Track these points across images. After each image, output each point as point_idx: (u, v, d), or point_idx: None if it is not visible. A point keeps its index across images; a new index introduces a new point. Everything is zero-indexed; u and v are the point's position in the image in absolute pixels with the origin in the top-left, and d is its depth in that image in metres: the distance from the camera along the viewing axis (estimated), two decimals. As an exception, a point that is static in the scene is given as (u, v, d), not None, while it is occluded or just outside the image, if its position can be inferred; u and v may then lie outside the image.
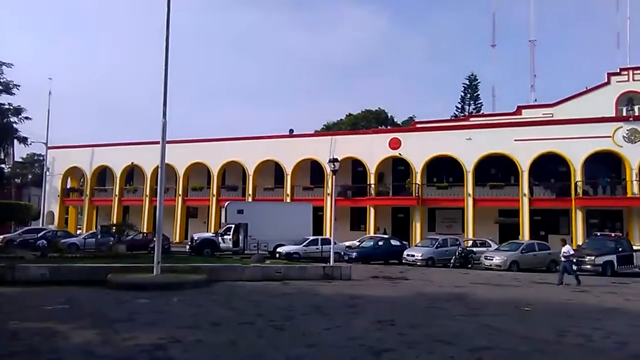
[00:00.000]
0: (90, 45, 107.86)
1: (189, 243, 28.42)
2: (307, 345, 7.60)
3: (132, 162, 41.99)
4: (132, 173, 44.50)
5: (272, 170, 38.88)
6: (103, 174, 45.75)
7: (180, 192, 40.69)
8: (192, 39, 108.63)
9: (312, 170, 37.85)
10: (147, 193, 41.55)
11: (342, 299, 12.77)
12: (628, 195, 29.50)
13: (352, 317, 10.34)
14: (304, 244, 26.25)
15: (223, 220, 28.83)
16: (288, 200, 36.41)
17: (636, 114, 30.59)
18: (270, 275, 16.58)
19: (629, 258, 22.68)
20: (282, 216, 27.75)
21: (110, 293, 12.62)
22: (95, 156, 44.27)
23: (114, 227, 27.02)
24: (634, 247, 23.94)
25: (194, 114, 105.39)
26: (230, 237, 26.79)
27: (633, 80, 32.27)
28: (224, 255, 26.16)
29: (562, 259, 18.09)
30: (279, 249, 26.13)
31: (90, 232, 33.79)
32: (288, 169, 37.39)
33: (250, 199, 37.36)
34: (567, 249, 18.03)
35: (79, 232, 42.41)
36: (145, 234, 31.39)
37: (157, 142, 15.30)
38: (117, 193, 43.20)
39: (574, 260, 18.30)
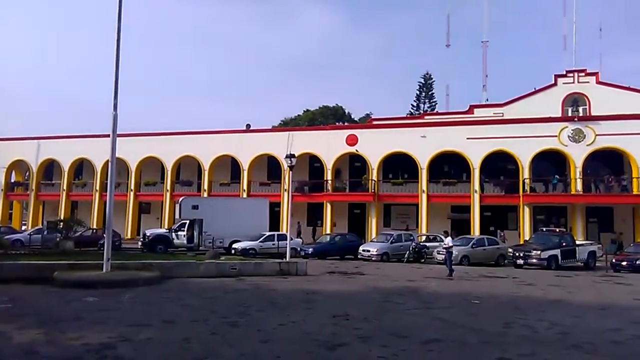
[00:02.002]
0: (39, 35, 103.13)
1: (141, 239, 27.72)
2: (261, 341, 7.57)
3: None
4: (82, 167, 42.94)
5: (229, 166, 38.42)
6: (50, 168, 43.89)
7: (133, 187, 39.58)
8: (146, 31, 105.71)
9: (269, 166, 37.66)
10: (97, 188, 40.18)
11: (298, 294, 12.80)
12: (572, 193, 30.90)
13: (308, 312, 10.38)
14: (260, 239, 26.11)
15: (177, 216, 28.26)
16: (244, 195, 36.08)
17: (581, 114, 32.03)
18: (225, 271, 16.40)
19: (572, 252, 23.78)
20: (238, 212, 27.48)
21: (57, 291, 12.15)
22: (41, 149, 42.40)
23: (61, 223, 25.93)
24: (577, 242, 25.11)
25: (148, 108, 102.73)
26: (185, 233, 26.32)
27: (578, 82, 33.76)
28: (178, 251, 25.71)
29: (443, 250, 18.98)
30: (234, 245, 25.87)
31: (36, 228, 32.40)
32: (245, 164, 37.04)
33: (205, 195, 36.79)
34: (448, 240, 19.09)
35: (23, 228, 40.65)
36: (94, 230, 30.38)
37: (108, 135, 14.82)
38: (65, 187, 41.55)
39: (452, 252, 19.39)
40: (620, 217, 31.67)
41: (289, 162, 21.89)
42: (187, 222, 26.57)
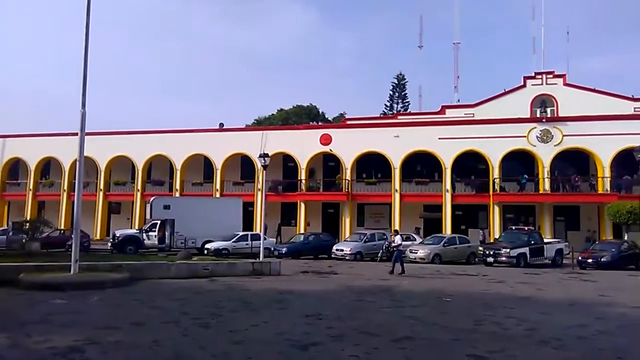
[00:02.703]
0: (2, 29, 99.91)
1: (111, 240, 27.18)
2: (233, 342, 7.50)
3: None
4: (49, 166, 41.83)
5: (201, 165, 38.01)
6: (15, 167, 42.63)
7: (102, 187, 38.78)
8: (114, 27, 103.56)
9: (243, 165, 37.42)
10: (65, 187, 39.22)
11: (271, 294, 12.74)
12: (540, 192, 31.66)
13: (281, 312, 10.34)
14: (233, 239, 25.90)
15: (148, 216, 27.83)
16: (217, 195, 35.77)
17: (549, 115, 32.82)
18: (198, 272, 16.21)
19: (540, 250, 24.35)
20: (211, 212, 27.20)
21: (23, 294, 11.79)
22: (6, 148, 41.17)
23: (27, 224, 25.20)
24: (545, 240, 25.73)
25: (118, 106, 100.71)
26: (156, 233, 25.91)
27: (546, 84, 34.58)
28: (149, 252, 25.31)
29: (393, 248, 19.36)
30: (207, 245, 25.60)
31: (1, 229, 31.38)
32: (218, 164, 36.70)
33: (177, 194, 36.33)
34: (397, 239, 19.46)
35: (-13, 229, 39.39)
36: (62, 231, 29.63)
37: (76, 134, 14.47)
38: (31, 187, 40.44)
39: (402, 250, 19.79)
40: (586, 216, 32.59)
41: (263, 161, 21.79)
42: (159, 222, 26.18)
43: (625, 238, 26.93)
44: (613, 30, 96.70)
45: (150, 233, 26.16)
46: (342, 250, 25.95)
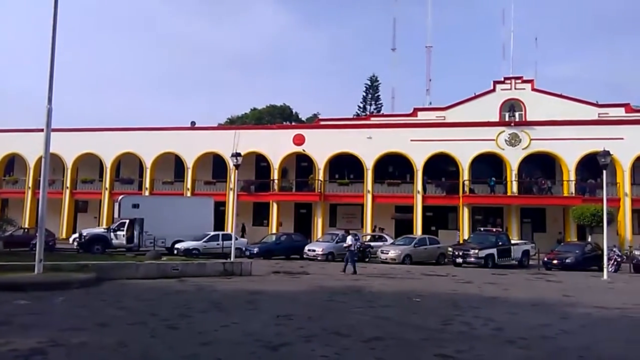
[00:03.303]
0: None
1: (77, 239, 26.52)
2: (202, 344, 7.40)
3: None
4: (13, 163, 40.56)
5: (172, 164, 37.48)
6: (-23, 164, 41.17)
7: (68, 185, 37.82)
8: (84, 21, 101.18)
9: (215, 165, 37.06)
10: (30, 185, 38.11)
11: (242, 295, 12.64)
12: (508, 194, 32.37)
13: (251, 313, 10.27)
14: (204, 239, 25.63)
15: (116, 215, 27.27)
16: (188, 194, 35.34)
17: (517, 119, 33.58)
18: (167, 272, 15.96)
19: (508, 251, 24.89)
20: (182, 211, 26.84)
21: (-18, 295, 11.38)
22: (-33, 144, 39.74)
23: (-11, 222, 24.41)
24: (512, 241, 26.31)
25: (87, 102, 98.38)
26: (124, 233, 25.43)
27: (515, 89, 35.36)
28: (117, 252, 24.82)
29: (345, 248, 19.65)
30: (177, 245, 25.26)
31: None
32: (189, 163, 36.25)
33: (147, 193, 35.72)
34: (349, 239, 19.64)
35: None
36: (26, 230, 28.79)
37: (42, 130, 14.08)
38: (-6, 185, 39.15)
39: (355, 251, 20.01)
40: (551, 218, 33.50)
41: (235, 160, 21.66)
42: (127, 221, 25.70)
43: (589, 240, 27.77)
44: (579, 37, 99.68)
45: (118, 232, 25.66)
46: (314, 250, 25.96)
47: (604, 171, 21.08)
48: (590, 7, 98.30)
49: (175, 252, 24.78)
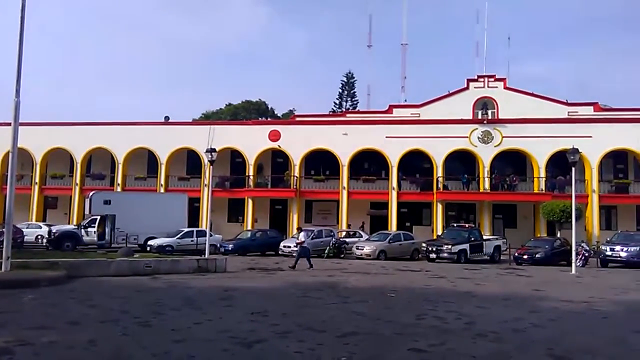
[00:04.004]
0: None
1: (47, 236, 25.92)
2: (175, 341, 7.32)
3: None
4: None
5: (145, 159, 36.88)
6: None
7: (38, 181, 36.86)
8: (57, 14, 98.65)
9: (189, 160, 36.63)
10: (-3, 180, 36.96)
11: (216, 291, 12.55)
12: (480, 190, 32.93)
13: (225, 309, 10.20)
14: (177, 236, 25.34)
15: (87, 212, 26.73)
16: (162, 190, 34.84)
17: (489, 117, 34.12)
18: (139, 269, 15.73)
19: (480, 246, 25.33)
20: (155, 207, 26.49)
21: (-55, 294, 11.02)
22: None
23: (-47, 219, 23.65)
24: (484, 237, 26.78)
25: (57, 97, 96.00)
26: (95, 229, 24.97)
27: (488, 87, 35.89)
28: (88, 249, 24.35)
29: (296, 244, 19.86)
30: (150, 242, 24.93)
31: None
32: (162, 158, 35.74)
33: (119, 189, 35.08)
34: (301, 235, 19.94)
35: None
36: (-7, 227, 27.93)
37: (9, 124, 13.68)
38: (-42, 180, 37.83)
39: (306, 247, 19.93)
40: (522, 214, 34.20)
41: (210, 156, 21.49)
42: (98, 217, 25.24)
43: (558, 235, 28.46)
44: (550, 37, 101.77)
45: (89, 229, 25.22)
46: (289, 247, 25.94)
47: (573, 168, 21.61)
48: (560, 8, 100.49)
49: (148, 249, 24.46)
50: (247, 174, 34.98)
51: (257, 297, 12.10)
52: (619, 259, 23.10)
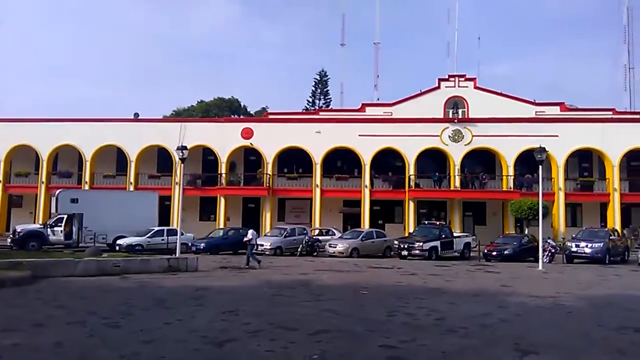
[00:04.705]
0: None
1: (11, 236, 25.14)
2: (144, 342, 7.20)
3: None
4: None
5: (114, 157, 36.14)
6: None
7: (1, 178, 35.70)
8: (22, 6, 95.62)
9: (159, 158, 36.05)
10: (-43, 178, 35.67)
11: (187, 291, 12.39)
12: (451, 188, 33.44)
13: (196, 309, 10.08)
14: (147, 235, 24.92)
15: (53, 210, 26.04)
16: (131, 188, 34.20)
17: (460, 116, 34.65)
18: (108, 269, 15.41)
19: (450, 243, 25.70)
20: (124, 206, 25.97)
21: None
22: None
23: None
24: (454, 234, 27.19)
25: (23, 93, 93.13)
26: (62, 228, 24.34)
27: (458, 86, 36.42)
28: (54, 249, 23.74)
29: (244, 242, 19.97)
30: (119, 241, 24.43)
31: None
32: (132, 156, 35.07)
33: (87, 187, 34.29)
34: (249, 233, 19.89)
35: None
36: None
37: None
38: None
39: (255, 244, 20.15)
40: (491, 211, 34.88)
41: (181, 154, 21.23)
42: (65, 216, 24.61)
43: (526, 232, 29.12)
44: (518, 38, 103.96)
45: (55, 228, 24.57)
46: (262, 245, 25.76)
47: (540, 167, 22.14)
48: (529, 10, 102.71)
49: (117, 248, 23.98)
50: (219, 172, 34.67)
51: (228, 296, 12.00)
52: (583, 254, 23.76)
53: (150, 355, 6.59)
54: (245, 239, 19.96)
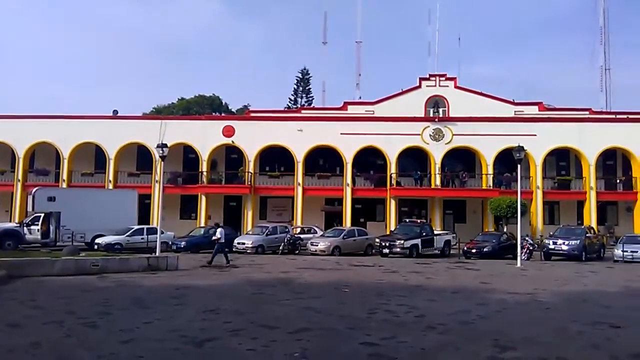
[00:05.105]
0: None
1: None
2: (122, 342, 7.11)
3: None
4: None
5: (92, 154, 35.57)
6: None
7: (-24, 176, 34.87)
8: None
9: (139, 156, 35.58)
10: None
11: (166, 290, 12.28)
12: (432, 187, 33.72)
13: (176, 308, 9.99)
14: (127, 234, 24.61)
15: (30, 209, 25.54)
16: (110, 187, 33.71)
17: (441, 115, 34.94)
18: (86, 268, 15.19)
19: (431, 241, 25.93)
20: (103, 204, 25.60)
21: None
22: None
23: None
24: (435, 232, 27.44)
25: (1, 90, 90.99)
26: (39, 227, 23.88)
27: (439, 85, 36.70)
28: (31, 248, 23.28)
29: (213, 240, 19.87)
30: (97, 240, 24.09)
31: None
32: (111, 153, 34.53)
33: (64, 185, 33.69)
34: (218, 232, 19.74)
35: None
36: None
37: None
38: None
39: (223, 242, 19.76)
40: (471, 209, 35.28)
41: (161, 152, 21.02)
42: (42, 215, 24.16)
43: (505, 230, 29.53)
44: (498, 39, 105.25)
45: (32, 227, 24.09)
46: (243, 243, 25.72)
47: (519, 166, 22.48)
48: (508, 11, 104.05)
49: (96, 247, 23.65)
50: (200, 170, 34.39)
51: (209, 295, 11.92)
52: (561, 252, 24.21)
53: (128, 355, 6.51)
54: (214, 238, 19.78)
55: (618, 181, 34.84)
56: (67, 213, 24.10)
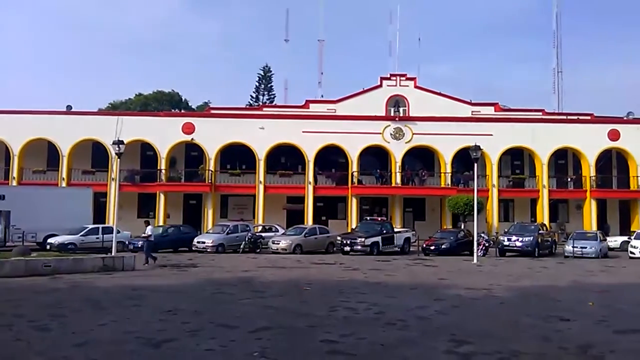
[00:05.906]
0: None
1: None
2: (76, 345, 6.87)
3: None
4: None
5: (45, 151, 34.24)
6: None
7: None
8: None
9: (94, 153, 34.49)
10: None
11: (123, 291, 11.97)
12: (392, 185, 34.20)
13: (133, 309, 9.75)
14: (81, 233, 23.84)
15: (-23, 208, 24.37)
16: (64, 185, 32.56)
17: (401, 115, 35.43)
18: (37, 269, 14.63)
19: (391, 239, 26.26)
20: (55, 203, 24.70)
21: None
22: None
23: None
24: (395, 229, 27.83)
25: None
26: (-13, 227, 22.83)
27: (400, 85, 37.15)
28: (-22, 249, 22.19)
29: (142, 237, 19.66)
30: (50, 240, 23.23)
31: None
32: (64, 150, 33.34)
33: (14, 183, 32.30)
34: (148, 229, 19.52)
35: None
36: None
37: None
38: None
39: (152, 240, 19.41)
40: (430, 207, 35.99)
41: (117, 149, 20.49)
42: (-10, 214, 23.11)
43: (462, 227, 30.26)
44: (457, 40, 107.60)
45: (-21, 227, 22.98)
46: (203, 242, 25.35)
47: (475, 164, 23.07)
48: (465, 13, 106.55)
49: (48, 247, 22.79)
50: (159, 168, 33.66)
51: (167, 296, 11.69)
52: (515, 248, 25.01)
53: (82, 359, 6.30)
54: (143, 235, 19.22)
55: (569, 180, 36.33)
56: (17, 212, 23.17)
